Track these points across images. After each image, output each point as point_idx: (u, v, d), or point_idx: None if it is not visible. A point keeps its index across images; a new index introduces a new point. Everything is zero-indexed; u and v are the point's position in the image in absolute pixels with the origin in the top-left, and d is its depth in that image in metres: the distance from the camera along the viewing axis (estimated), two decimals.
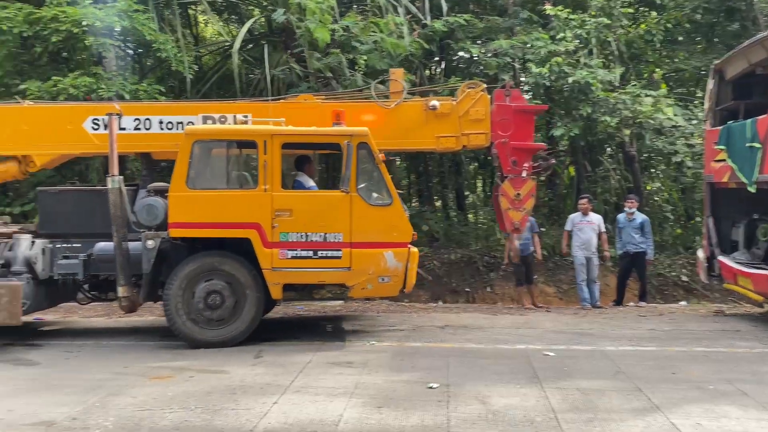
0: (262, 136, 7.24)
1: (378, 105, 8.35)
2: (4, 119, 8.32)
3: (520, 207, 8.46)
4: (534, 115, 8.90)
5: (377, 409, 5.13)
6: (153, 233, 7.26)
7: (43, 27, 10.94)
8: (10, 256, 7.42)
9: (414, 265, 7.34)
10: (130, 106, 8.68)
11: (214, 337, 7.24)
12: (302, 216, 7.19)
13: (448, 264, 12.35)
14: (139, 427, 4.71)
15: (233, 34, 15.11)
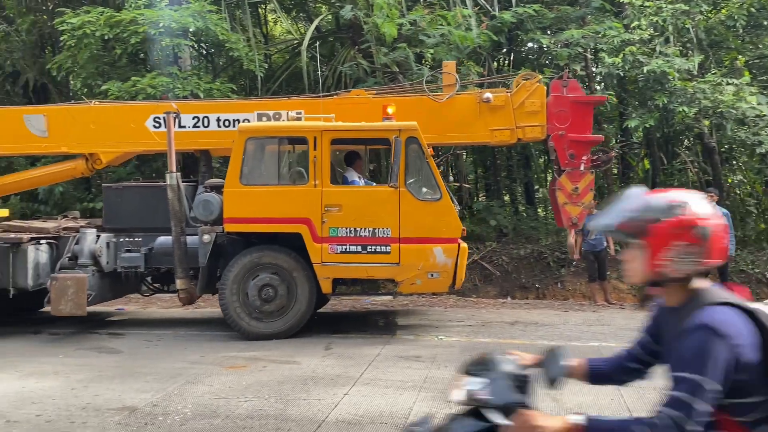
0: (312, 132, 7.32)
1: (429, 99, 8.24)
2: (73, 119, 8.73)
3: (578, 201, 8.17)
4: (593, 106, 8.61)
5: (447, 403, 5.11)
6: (209, 228, 7.46)
7: (123, 29, 11.41)
8: (76, 250, 7.78)
9: (463, 261, 7.23)
10: (188, 104, 8.92)
11: (266, 329, 7.37)
12: (351, 211, 7.22)
13: (517, 259, 12.15)
14: (216, 414, 4.86)
15: (302, 32, 15.34)
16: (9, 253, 7.47)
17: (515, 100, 8.15)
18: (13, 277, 7.47)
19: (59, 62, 12.46)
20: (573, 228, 8.40)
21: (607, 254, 10.35)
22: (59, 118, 8.74)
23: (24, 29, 14.20)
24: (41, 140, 8.68)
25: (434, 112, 8.17)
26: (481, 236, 12.85)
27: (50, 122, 8.66)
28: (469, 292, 11.68)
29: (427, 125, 8.01)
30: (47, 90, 14.53)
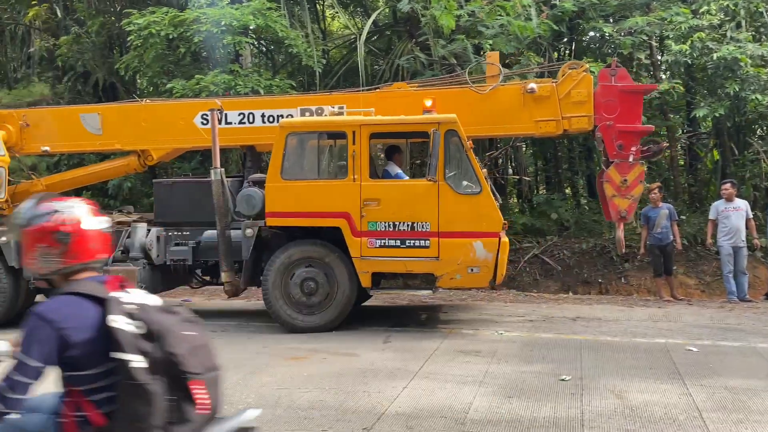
0: (351, 126, 7.31)
1: (471, 90, 8.10)
2: (125, 117, 9.03)
3: (627, 194, 7.86)
4: (643, 95, 8.27)
5: (507, 398, 5.06)
6: (251, 222, 7.56)
7: (186, 29, 11.72)
8: (128, 243, 8.05)
9: (504, 255, 7.08)
10: (234, 101, 9.07)
11: (308, 322, 7.43)
12: (390, 205, 7.18)
13: (579, 253, 11.91)
14: (278, 404, 4.94)
15: (359, 27, 15.39)
16: None
17: (561, 90, 7.93)
18: None
19: (126, 62, 12.92)
20: (622, 221, 8.07)
21: (674, 248, 10.01)
22: (112, 116, 9.05)
23: (94, 31, 14.78)
24: (96, 138, 8.98)
25: (477, 104, 8.03)
26: (541, 230, 12.64)
27: (104, 120, 8.98)
28: (529, 287, 11.52)
29: (470, 117, 7.90)
30: (116, 89, 15.09)
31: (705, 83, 12.28)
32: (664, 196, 9.95)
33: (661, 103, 12.83)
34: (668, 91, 11.89)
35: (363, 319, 8.41)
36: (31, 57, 17.48)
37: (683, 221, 11.47)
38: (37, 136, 9.19)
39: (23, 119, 9.16)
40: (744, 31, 11.76)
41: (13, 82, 16.69)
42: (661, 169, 14.81)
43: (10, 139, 9.09)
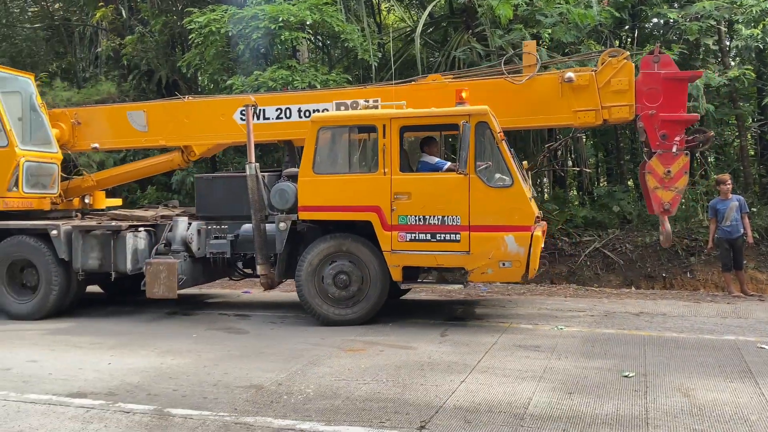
0: (381, 120, 7.29)
1: (507, 81, 7.91)
2: (169, 114, 9.25)
3: (671, 186, 7.53)
4: (688, 82, 7.87)
5: (568, 394, 4.96)
6: (284, 216, 7.64)
7: (246, 26, 11.91)
8: (170, 237, 8.26)
9: (537, 249, 6.86)
10: (271, 96, 9.17)
11: (341, 315, 7.46)
12: (420, 199, 7.12)
13: (642, 247, 11.56)
14: (337, 395, 4.99)
15: (414, 19, 15.34)
16: (110, 240, 8.08)
17: (600, 79, 7.67)
18: (114, 261, 8.07)
19: (188, 59, 13.25)
20: (665, 215, 7.73)
21: (744, 242, 9.60)
22: (157, 113, 9.32)
23: (157, 30, 15.21)
24: (142, 134, 9.29)
25: (513, 95, 7.87)
26: (602, 223, 12.33)
27: (149, 117, 9.26)
28: (590, 281, 11.27)
29: (506, 108, 7.77)
30: (178, 86, 15.49)
31: None
32: (734, 187, 9.51)
33: (731, 91, 12.30)
34: (738, 78, 11.39)
35: (419, 312, 8.40)
36: (98, 57, 18.16)
37: (754, 213, 10.98)
38: (87, 134, 9.59)
39: (75, 117, 9.60)
40: None
41: (82, 82, 17.37)
42: (730, 159, 14.21)
43: (63, 137, 9.52)
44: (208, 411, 4.69)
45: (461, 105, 7.19)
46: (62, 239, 8.11)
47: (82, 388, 5.29)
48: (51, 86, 15.04)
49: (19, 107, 9.17)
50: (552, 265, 11.78)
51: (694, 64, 12.82)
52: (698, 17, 11.48)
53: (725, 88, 11.78)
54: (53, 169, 9.19)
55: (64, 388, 5.27)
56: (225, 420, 4.50)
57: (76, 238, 8.13)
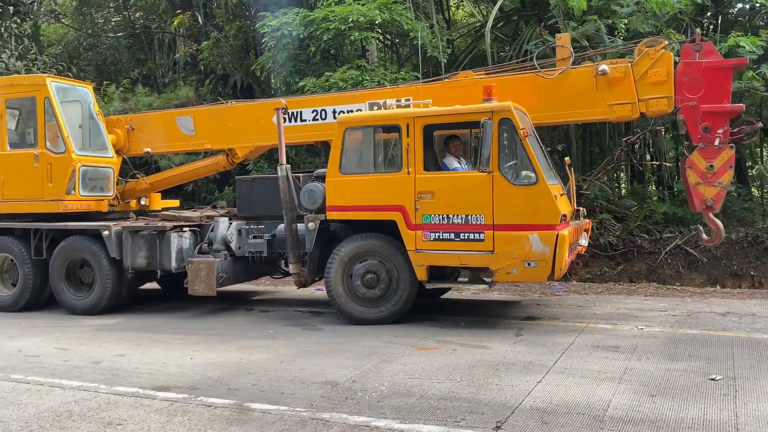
0: (404, 119, 7.23)
1: (538, 76, 7.68)
2: (214, 118, 9.52)
3: (714, 181, 7.08)
4: (732, 70, 7.32)
5: (650, 397, 4.79)
6: (313, 216, 7.71)
7: (316, 28, 12.09)
8: (211, 236, 8.56)
9: (563, 249, 6.57)
10: (307, 99, 9.31)
11: (370, 314, 7.45)
12: (444, 198, 7.02)
13: (728, 244, 11.00)
14: (411, 393, 4.99)
15: (484, 14, 15.15)
16: (156, 240, 8.47)
17: (637, 71, 7.32)
18: (159, 260, 8.45)
19: (261, 63, 13.57)
20: (709, 211, 7.27)
21: None
22: (203, 118, 9.63)
23: (231, 35, 15.65)
24: (190, 138, 9.64)
25: (546, 89, 7.65)
26: (684, 219, 11.83)
27: (196, 122, 9.58)
28: (671, 279, 10.84)
29: (538, 104, 7.59)
30: (252, 89, 15.90)
31: None
32: None
33: None
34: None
35: (492, 311, 8.30)
36: (176, 62, 18.86)
37: None
38: (141, 139, 10.06)
39: (129, 123, 10.08)
40: None
41: (162, 87, 18.09)
42: None
43: (119, 142, 10.02)
44: (286, 406, 4.78)
45: (489, 101, 7.05)
46: (113, 239, 8.54)
47: (166, 382, 5.51)
48: (133, 92, 15.75)
49: (79, 115, 9.72)
50: (631, 263, 11.40)
51: None
52: None
53: None
54: (109, 172, 9.70)
55: (150, 382, 5.50)
56: (302, 415, 4.58)
57: (126, 238, 8.56)
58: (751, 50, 10.40)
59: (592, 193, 12.38)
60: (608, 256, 11.62)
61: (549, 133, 13.38)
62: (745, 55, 10.55)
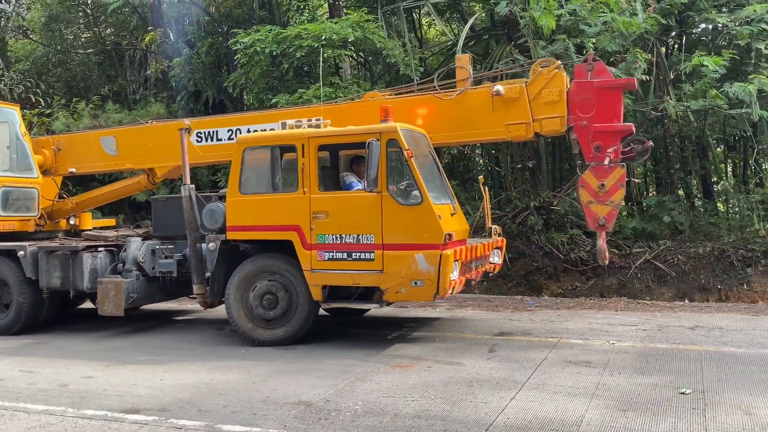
0: (299, 139, 7.27)
1: (436, 97, 7.79)
2: (135, 139, 9.53)
3: (606, 200, 7.12)
4: (622, 90, 7.42)
5: (622, 412, 4.83)
6: (214, 236, 7.67)
7: (289, 45, 12.11)
8: (123, 257, 8.57)
9: (447, 269, 6.58)
10: (222, 119, 9.38)
11: (269, 336, 7.40)
12: (337, 217, 7.05)
13: (695, 258, 11.22)
14: (385, 412, 4.97)
15: (455, 33, 15.33)
16: (69, 260, 8.48)
17: (531, 91, 7.43)
18: (73, 280, 8.45)
19: (234, 79, 13.53)
20: (601, 230, 7.29)
21: None
22: (125, 138, 9.62)
23: (203, 51, 15.59)
24: (112, 158, 9.64)
25: (446, 110, 7.74)
26: (653, 234, 12.04)
27: (119, 142, 9.57)
28: (641, 294, 11.00)
29: (438, 124, 7.69)
30: (224, 106, 15.82)
31: None
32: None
33: None
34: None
35: (466, 328, 8.32)
36: (147, 79, 18.71)
37: None
38: (67, 159, 10.00)
39: (56, 144, 10.02)
40: None
41: (133, 104, 17.91)
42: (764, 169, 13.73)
43: (46, 162, 9.99)
44: (258, 428, 4.72)
45: (385, 122, 7.08)
46: (29, 259, 8.56)
47: (135, 404, 5.40)
48: (103, 109, 15.57)
49: (6, 136, 9.73)
50: (601, 278, 11.55)
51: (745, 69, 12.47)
52: (749, 21, 11.17)
53: None
54: (33, 193, 9.68)
55: (119, 404, 5.39)
56: None
57: (41, 258, 8.57)
58: (714, 69, 10.69)
59: (563, 209, 12.55)
60: (579, 271, 11.75)
61: (519, 150, 13.57)
62: (709, 75, 10.86)
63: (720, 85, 11.16)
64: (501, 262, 8.42)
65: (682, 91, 11.66)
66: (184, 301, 10.21)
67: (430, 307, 9.81)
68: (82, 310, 10.38)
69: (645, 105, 11.71)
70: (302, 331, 7.44)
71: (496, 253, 8.16)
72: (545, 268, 11.96)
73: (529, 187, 13.17)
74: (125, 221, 12.46)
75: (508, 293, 11.62)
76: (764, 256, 10.92)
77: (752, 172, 14.85)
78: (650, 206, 12.84)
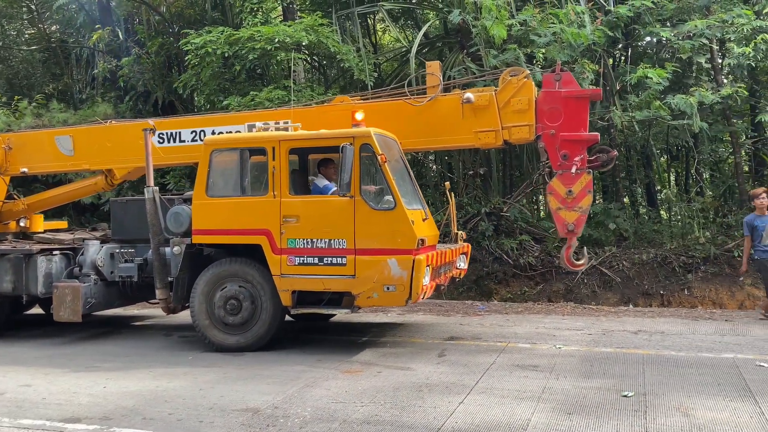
0: (270, 142, 7.20)
1: (407, 103, 7.89)
2: (93, 138, 9.27)
3: (574, 206, 7.33)
4: (588, 100, 7.65)
5: (567, 415, 4.93)
6: (179, 239, 7.50)
7: (242, 47, 11.99)
8: (81, 260, 8.32)
9: (419, 274, 6.63)
10: (185, 120, 9.24)
11: (234, 341, 7.29)
12: (308, 222, 6.99)
13: (639, 264, 11.56)
14: (334, 418, 4.94)
15: (410, 40, 15.45)
16: (22, 264, 8.16)
17: (501, 99, 7.57)
18: (26, 284, 8.13)
19: (184, 80, 13.31)
20: (571, 236, 7.47)
21: None
22: (82, 138, 9.33)
23: (153, 51, 15.29)
24: (68, 159, 9.32)
25: (416, 116, 7.82)
26: (599, 241, 12.34)
27: (75, 142, 9.28)
28: (587, 299, 11.26)
29: (408, 130, 7.76)
30: (174, 107, 15.54)
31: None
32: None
33: (724, 108, 12.39)
34: (731, 96, 11.48)
35: (417, 332, 8.36)
36: (95, 78, 18.21)
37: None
38: (19, 158, 9.60)
39: (7, 143, 9.62)
40: None
41: (79, 103, 17.41)
42: (725, 176, 14.28)
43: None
44: None
45: (357, 126, 7.10)
46: None
47: (76, 412, 5.23)
48: (47, 108, 15.08)
49: None
50: (549, 283, 11.78)
51: (687, 81, 12.95)
52: (690, 36, 11.60)
53: (718, 105, 11.87)
54: None
55: (58, 413, 5.22)
56: None
57: None
58: (657, 81, 11.06)
59: (512, 215, 12.76)
60: (528, 276, 11.97)
61: (471, 157, 13.74)
62: (653, 86, 11.22)
63: (663, 96, 11.56)
64: (466, 268, 8.49)
65: (627, 101, 12.03)
66: (144, 306, 10.00)
67: (382, 312, 9.82)
68: (35, 316, 9.97)
69: (592, 115, 12.02)
70: (267, 337, 7.31)
71: (462, 259, 8.23)
72: (495, 273, 12.14)
73: (481, 194, 13.35)
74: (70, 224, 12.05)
75: (459, 298, 11.73)
76: (704, 263, 11.33)
77: (693, 181, 15.40)
78: (596, 213, 13.17)
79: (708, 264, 11.28)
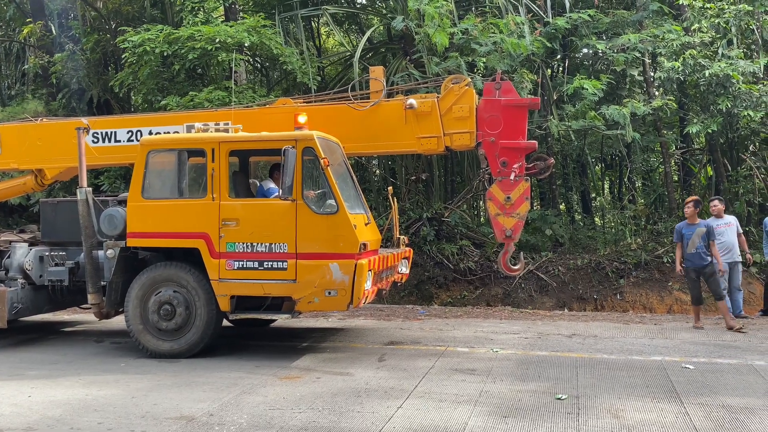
0: (210, 143, 7.10)
1: (351, 107, 7.96)
2: (22, 136, 8.94)
3: (512, 212, 7.54)
4: (527, 109, 7.85)
5: (503, 418, 5.01)
6: (113, 242, 7.32)
7: (181, 46, 11.73)
8: (7, 264, 8.00)
9: (361, 278, 6.66)
10: (121, 119, 9.06)
11: (168, 347, 7.16)
12: (248, 225, 6.91)
13: (574, 270, 11.89)
14: (271, 425, 4.87)
15: (353, 44, 15.47)
16: None
17: (443, 106, 7.72)
18: None
19: (121, 79, 12.93)
20: (509, 241, 7.68)
21: (715, 270, 8.69)
22: (11, 135, 9.00)
23: (88, 48, 14.80)
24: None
25: (360, 121, 7.89)
26: (536, 246, 12.63)
27: (2, 139, 8.94)
28: (524, 303, 11.49)
29: (351, 134, 7.83)
30: (110, 106, 15.08)
31: (698, 99, 12.38)
32: (700, 211, 9.16)
33: (655, 120, 12.91)
34: (661, 108, 11.96)
35: (357, 337, 8.35)
36: (25, 74, 17.50)
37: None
38: None
39: None
40: (735, 48, 11.87)
41: (7, 99, 16.68)
42: (656, 184, 14.85)
43: None
44: None
45: (299, 129, 7.08)
46: None
47: None
48: None
49: None
50: (488, 288, 11.97)
51: (621, 93, 13.43)
52: (624, 49, 12.03)
53: (650, 116, 12.36)
54: None
55: None
56: None
57: None
58: (593, 92, 11.42)
59: (453, 221, 12.92)
60: (467, 281, 12.13)
61: (414, 162, 13.85)
62: (589, 97, 11.59)
63: (598, 107, 11.94)
64: (408, 272, 8.51)
65: (564, 111, 12.38)
66: (75, 311, 9.62)
67: (322, 318, 9.76)
68: None
69: (531, 123, 12.30)
70: (201, 344, 7.13)
71: (404, 263, 8.24)
72: (436, 277, 12.25)
73: (422, 199, 13.47)
74: None
75: (400, 302, 11.79)
76: (635, 269, 11.75)
77: (626, 189, 15.96)
78: (534, 219, 13.48)
79: (639, 270, 11.70)
